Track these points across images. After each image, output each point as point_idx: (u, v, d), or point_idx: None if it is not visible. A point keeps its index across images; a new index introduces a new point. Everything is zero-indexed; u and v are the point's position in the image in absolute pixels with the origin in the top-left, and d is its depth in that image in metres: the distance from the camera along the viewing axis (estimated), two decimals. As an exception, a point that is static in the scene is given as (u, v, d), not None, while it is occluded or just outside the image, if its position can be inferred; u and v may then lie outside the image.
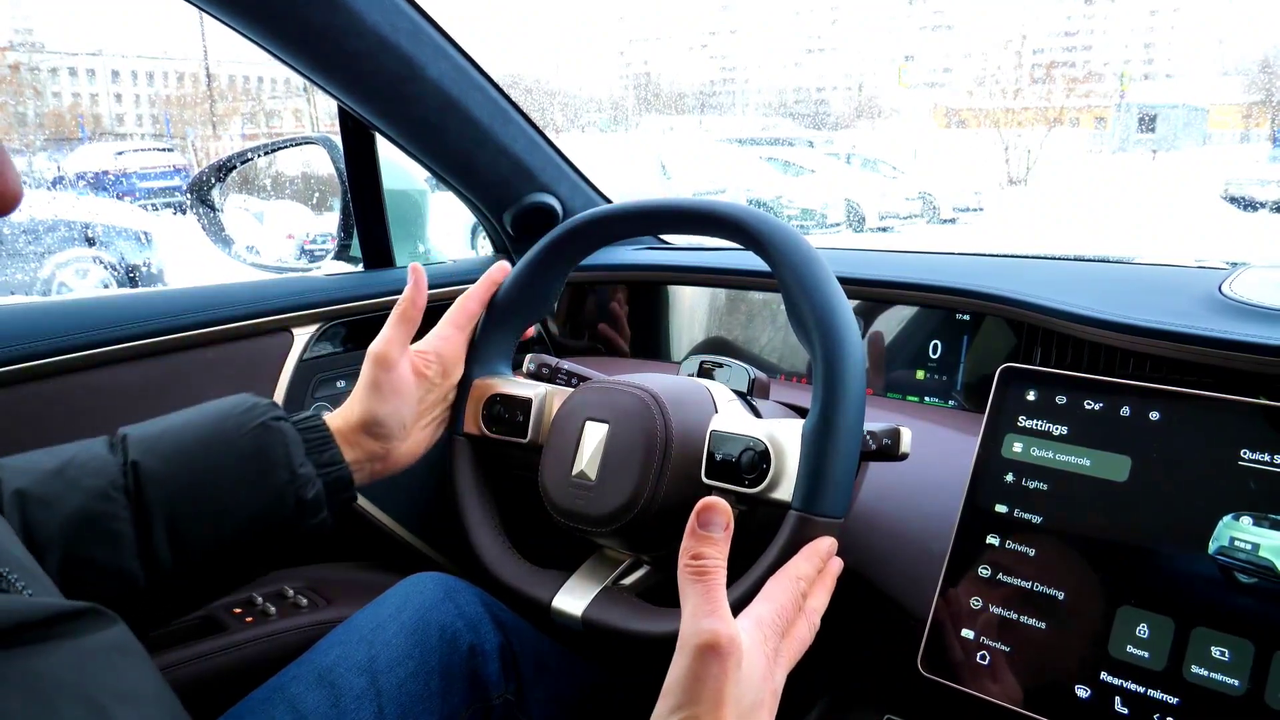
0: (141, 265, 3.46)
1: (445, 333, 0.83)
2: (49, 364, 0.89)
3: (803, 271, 0.68)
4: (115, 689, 0.36)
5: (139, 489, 0.64)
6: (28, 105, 10.14)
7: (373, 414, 0.76)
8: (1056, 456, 0.71)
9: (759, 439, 0.68)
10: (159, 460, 0.66)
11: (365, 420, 0.76)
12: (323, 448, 0.72)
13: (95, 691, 0.35)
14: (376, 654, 0.77)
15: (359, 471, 0.76)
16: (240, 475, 0.68)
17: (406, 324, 0.78)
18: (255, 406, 0.71)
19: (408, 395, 0.78)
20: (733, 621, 0.52)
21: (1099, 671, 0.64)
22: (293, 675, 0.76)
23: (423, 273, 0.80)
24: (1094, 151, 15.61)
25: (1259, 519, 0.62)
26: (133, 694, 0.37)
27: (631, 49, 43.02)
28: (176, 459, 0.67)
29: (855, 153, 11.47)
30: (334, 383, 1.10)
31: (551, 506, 0.76)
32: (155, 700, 0.38)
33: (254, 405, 0.71)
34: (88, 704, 0.34)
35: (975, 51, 33.87)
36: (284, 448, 0.69)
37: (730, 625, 0.51)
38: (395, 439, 0.77)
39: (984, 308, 0.94)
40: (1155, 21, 33.99)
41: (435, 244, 1.40)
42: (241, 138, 11.23)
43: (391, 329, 0.77)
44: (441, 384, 0.82)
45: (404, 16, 0.98)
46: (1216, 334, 0.73)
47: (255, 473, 0.68)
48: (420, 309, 0.80)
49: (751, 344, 1.15)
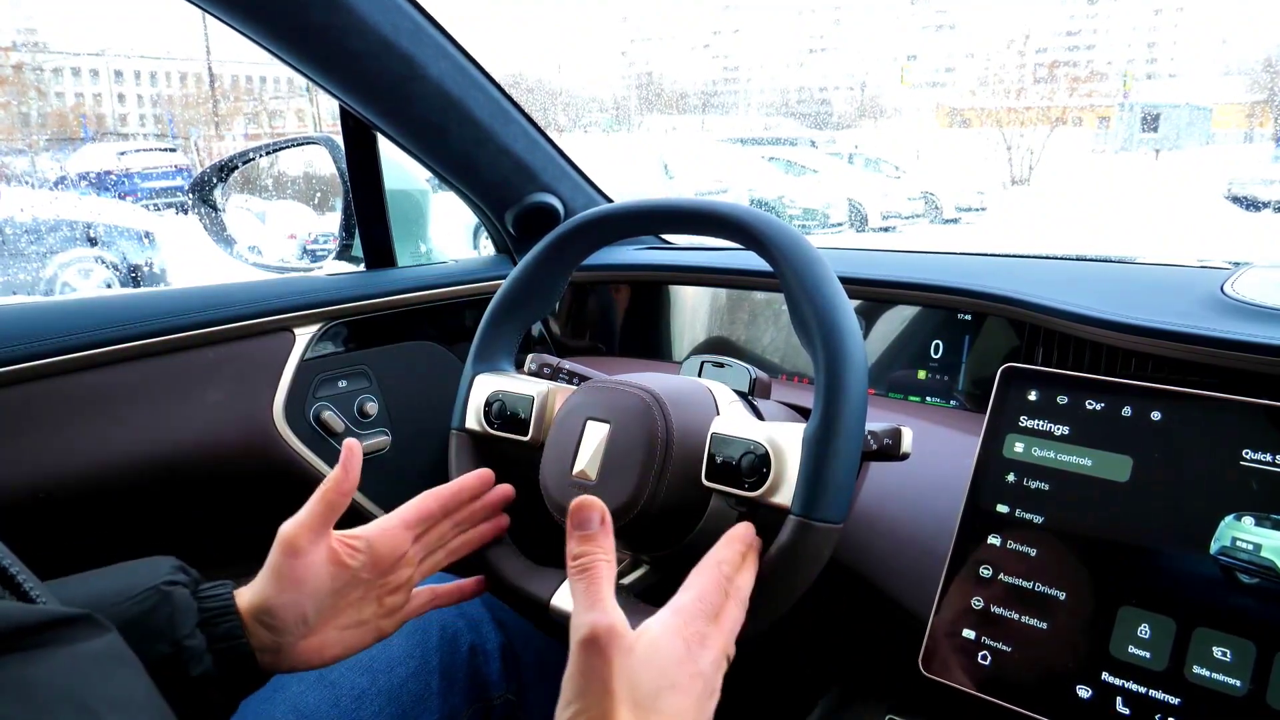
0: (144, 265, 3.47)
1: (388, 525, 0.71)
2: (52, 364, 0.89)
3: (806, 276, 0.68)
4: (108, 695, 0.36)
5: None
6: (31, 105, 10.16)
7: (264, 600, 0.64)
8: (1058, 456, 0.71)
9: (760, 442, 0.67)
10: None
11: (255, 606, 0.64)
12: (221, 618, 0.62)
13: (88, 698, 0.35)
14: (376, 653, 0.77)
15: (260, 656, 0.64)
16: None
17: (326, 507, 0.66)
18: (155, 569, 0.63)
19: (312, 586, 0.65)
20: (613, 612, 0.52)
21: (1100, 671, 0.64)
22: (293, 674, 0.76)
23: (357, 452, 0.68)
24: (1097, 151, 15.59)
25: (1261, 519, 0.62)
26: (125, 701, 0.37)
27: (634, 49, 43.00)
28: None
29: (858, 152, 11.47)
30: (335, 383, 1.11)
31: (551, 505, 0.76)
32: (147, 707, 0.39)
33: (153, 568, 0.63)
34: (81, 710, 0.34)
35: (978, 51, 33.83)
36: (169, 617, 0.60)
37: (609, 616, 0.51)
38: (289, 634, 0.64)
39: (986, 308, 0.93)
40: (1158, 21, 33.94)
41: (437, 244, 1.40)
42: (244, 138, 11.25)
43: (307, 510, 0.66)
44: (369, 580, 0.68)
45: (405, 16, 0.98)
46: (1218, 334, 0.73)
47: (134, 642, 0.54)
48: (347, 494, 0.67)
49: (753, 344, 1.15)
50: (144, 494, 0.97)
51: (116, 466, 0.94)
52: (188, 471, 0.99)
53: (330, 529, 0.67)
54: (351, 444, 0.68)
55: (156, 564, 0.63)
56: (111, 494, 0.94)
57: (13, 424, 0.87)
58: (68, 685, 0.35)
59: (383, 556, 0.69)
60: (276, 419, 1.04)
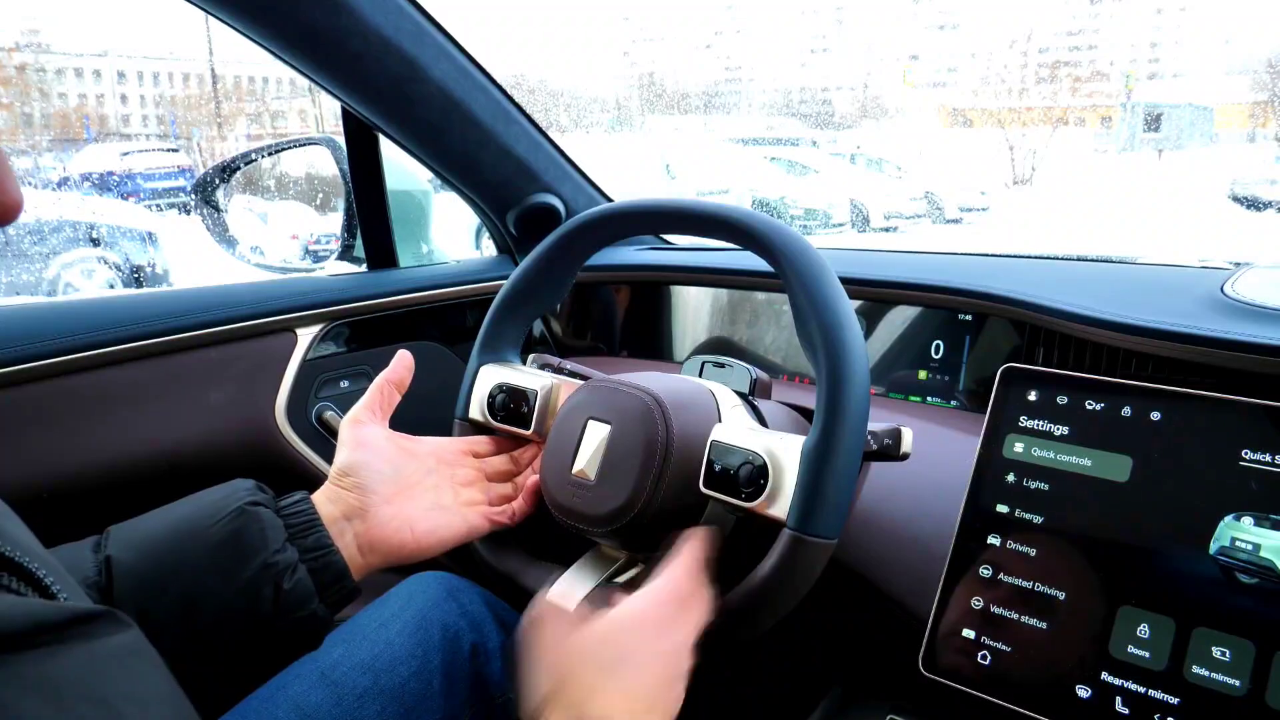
0: (147, 265, 3.47)
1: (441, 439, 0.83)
2: (54, 364, 0.89)
3: (812, 286, 0.67)
4: (129, 692, 0.37)
5: (110, 584, 0.61)
6: (34, 106, 10.17)
7: (341, 465, 0.73)
8: (1058, 457, 0.71)
9: (758, 453, 0.67)
10: (133, 553, 0.63)
11: (338, 470, 0.73)
12: (308, 530, 0.67)
13: (110, 693, 0.35)
14: (379, 653, 0.77)
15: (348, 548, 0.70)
16: (210, 565, 0.63)
17: (378, 393, 0.78)
18: (234, 492, 0.67)
19: (380, 448, 0.75)
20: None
21: (1100, 671, 0.64)
22: (295, 674, 0.76)
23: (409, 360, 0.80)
24: (1099, 151, 15.56)
25: (1260, 519, 0.62)
26: (146, 696, 0.37)
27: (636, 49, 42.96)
28: (148, 550, 0.63)
29: (860, 152, 11.45)
30: (338, 383, 1.11)
31: (550, 502, 0.76)
32: (168, 702, 0.39)
33: (233, 491, 0.67)
34: (102, 705, 0.35)
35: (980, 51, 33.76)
36: (260, 533, 0.64)
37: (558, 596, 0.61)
38: (374, 491, 0.73)
39: (986, 308, 0.94)
40: (1161, 20, 33.88)
41: (438, 244, 1.40)
42: (247, 138, 11.25)
43: (364, 398, 0.78)
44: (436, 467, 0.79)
45: (407, 17, 0.99)
46: (1218, 334, 0.73)
47: (228, 561, 0.63)
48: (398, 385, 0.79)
49: (754, 344, 1.16)
50: (146, 494, 0.97)
51: (119, 466, 0.94)
52: (190, 471, 0.99)
53: (386, 416, 0.77)
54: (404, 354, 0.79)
55: (234, 487, 0.67)
56: (114, 494, 0.94)
57: (16, 424, 0.88)
58: (88, 680, 0.35)
59: (443, 448, 0.80)
60: (279, 419, 1.04)
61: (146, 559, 0.63)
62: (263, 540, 0.64)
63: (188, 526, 0.65)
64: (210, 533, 0.64)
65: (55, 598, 0.40)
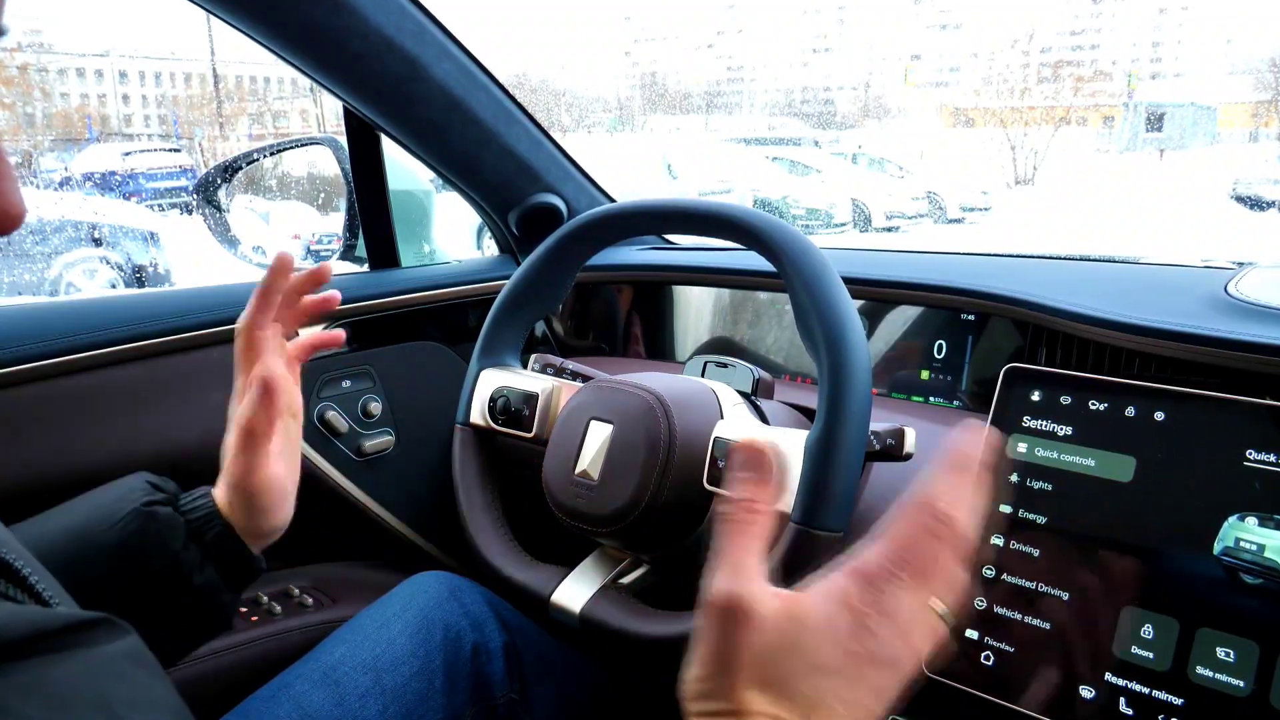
0: (148, 265, 3.47)
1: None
2: (56, 364, 0.89)
3: (814, 284, 0.68)
4: (129, 697, 0.37)
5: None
6: (36, 106, 10.19)
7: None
8: (1061, 457, 0.71)
9: None
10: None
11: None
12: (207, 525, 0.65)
13: (111, 699, 0.36)
14: (381, 653, 0.77)
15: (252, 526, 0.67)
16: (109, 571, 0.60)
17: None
18: (129, 489, 0.64)
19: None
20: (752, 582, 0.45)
21: (1104, 672, 0.64)
22: (297, 674, 0.76)
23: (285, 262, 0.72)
24: (1101, 151, 15.57)
25: (1264, 519, 0.62)
26: (145, 702, 0.38)
27: (638, 49, 42.96)
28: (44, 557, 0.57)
29: (862, 152, 11.46)
30: (339, 383, 1.11)
31: (553, 503, 0.76)
32: (166, 708, 0.39)
33: (128, 491, 0.64)
34: (103, 711, 0.35)
35: (982, 51, 33.75)
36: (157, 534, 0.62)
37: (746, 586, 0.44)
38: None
39: (989, 308, 0.93)
40: (1163, 20, 33.86)
41: (440, 244, 1.40)
42: (248, 138, 11.27)
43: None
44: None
45: (409, 17, 0.98)
46: (1221, 334, 0.73)
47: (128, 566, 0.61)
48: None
49: (757, 344, 1.15)
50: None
51: (120, 467, 0.94)
52: (191, 471, 0.99)
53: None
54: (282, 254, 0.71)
55: (129, 484, 0.65)
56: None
57: (17, 424, 0.87)
58: (87, 687, 0.35)
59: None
60: None
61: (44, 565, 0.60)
62: (161, 542, 0.62)
63: (83, 529, 0.62)
64: (110, 535, 0.61)
65: (49, 604, 0.40)
